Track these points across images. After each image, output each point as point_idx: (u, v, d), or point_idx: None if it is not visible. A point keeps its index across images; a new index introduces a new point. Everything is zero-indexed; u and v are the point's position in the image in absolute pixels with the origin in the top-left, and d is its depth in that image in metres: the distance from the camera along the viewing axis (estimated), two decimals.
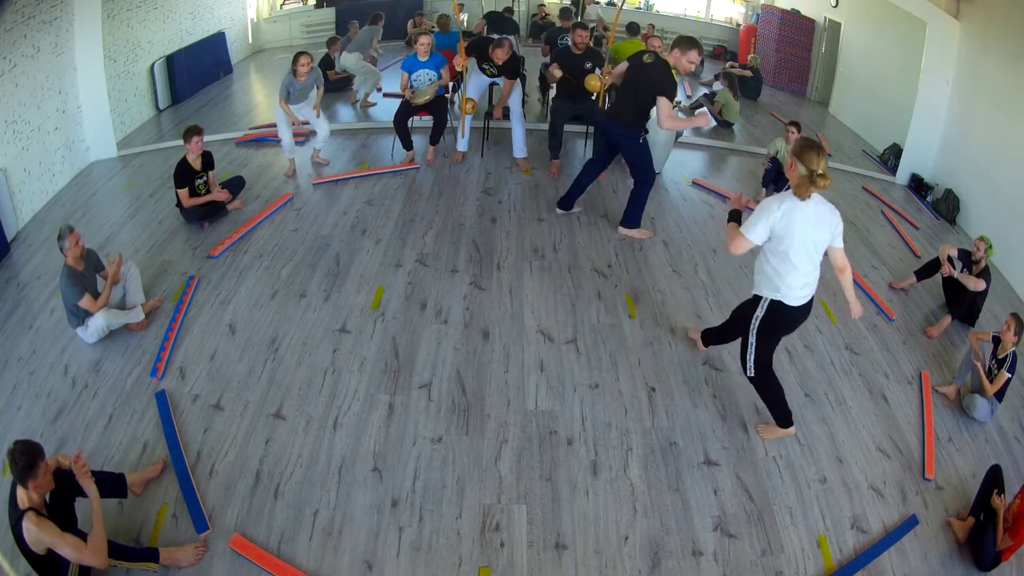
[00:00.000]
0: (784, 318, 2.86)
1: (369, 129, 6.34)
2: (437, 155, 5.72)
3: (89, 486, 2.35)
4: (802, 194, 2.61)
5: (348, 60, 6.68)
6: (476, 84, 5.43)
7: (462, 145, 5.63)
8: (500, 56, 5.11)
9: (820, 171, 2.56)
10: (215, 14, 7.23)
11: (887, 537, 2.79)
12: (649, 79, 4.08)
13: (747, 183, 5.76)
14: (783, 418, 3.12)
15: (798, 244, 2.66)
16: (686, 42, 3.96)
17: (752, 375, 3.01)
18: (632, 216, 4.69)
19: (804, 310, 2.86)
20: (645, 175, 4.48)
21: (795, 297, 2.79)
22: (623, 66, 4.42)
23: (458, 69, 5.26)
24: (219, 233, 4.50)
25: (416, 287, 4.04)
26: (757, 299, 2.88)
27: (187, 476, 2.78)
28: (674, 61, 3.98)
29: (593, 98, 5.19)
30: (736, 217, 2.92)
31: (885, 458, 3.18)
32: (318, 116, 5.28)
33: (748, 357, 2.97)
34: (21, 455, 2.14)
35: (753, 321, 2.90)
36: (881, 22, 6.76)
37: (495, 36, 5.30)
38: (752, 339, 2.93)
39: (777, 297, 2.79)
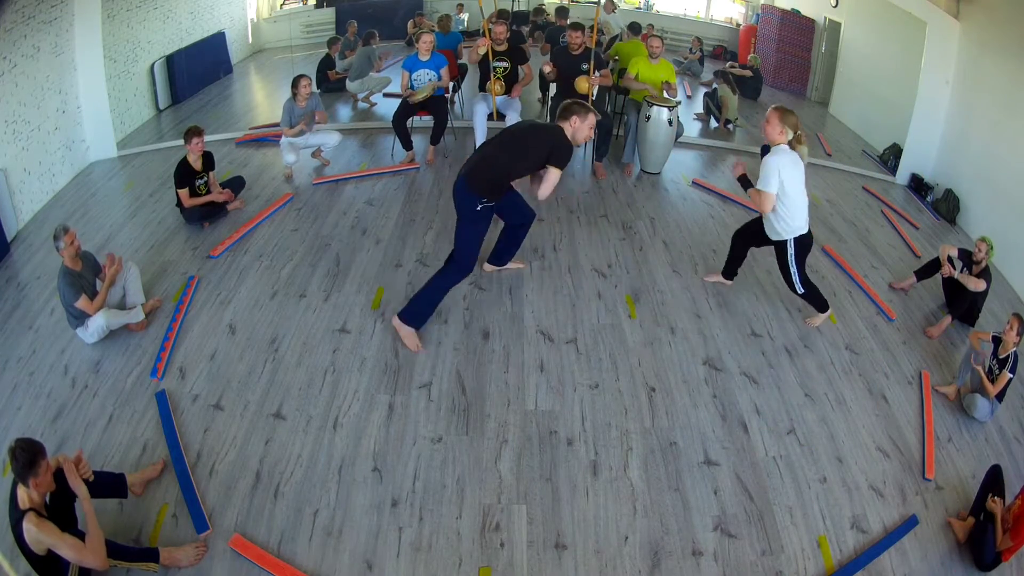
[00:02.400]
0: (808, 243, 3.67)
1: (369, 129, 6.34)
2: (437, 155, 5.72)
3: (78, 486, 2.33)
4: (793, 147, 3.43)
5: (353, 87, 6.71)
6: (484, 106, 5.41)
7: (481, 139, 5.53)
8: (500, 32, 5.11)
9: (800, 132, 3.43)
10: (215, 14, 7.22)
11: (887, 537, 2.79)
12: (541, 141, 3.31)
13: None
14: (824, 305, 3.89)
15: (798, 185, 3.47)
16: (581, 110, 3.31)
17: (802, 291, 3.76)
18: (411, 311, 3.52)
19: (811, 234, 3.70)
20: (460, 261, 3.46)
21: (806, 225, 3.59)
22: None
23: (481, 52, 5.20)
24: (219, 233, 4.50)
25: (416, 287, 4.02)
26: (783, 243, 3.63)
27: (187, 476, 2.78)
28: (571, 131, 3.32)
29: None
30: (746, 182, 3.67)
31: (885, 458, 3.18)
32: (324, 125, 5.27)
33: (795, 280, 3.72)
34: (22, 452, 2.14)
35: (790, 261, 3.66)
36: (881, 22, 6.75)
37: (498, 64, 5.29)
38: (794, 268, 3.68)
39: (798, 234, 3.59)
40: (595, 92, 5.25)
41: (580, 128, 3.33)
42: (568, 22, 6.17)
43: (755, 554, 2.67)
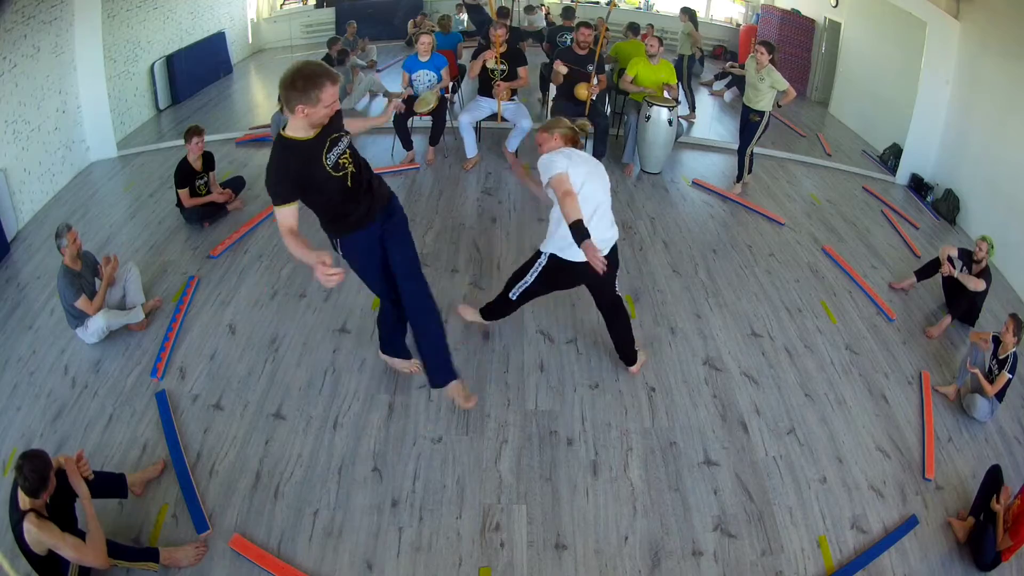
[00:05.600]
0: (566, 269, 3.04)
1: (369, 129, 6.32)
2: (437, 155, 5.72)
3: (79, 485, 2.34)
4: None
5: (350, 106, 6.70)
6: (484, 109, 5.42)
7: (471, 151, 5.57)
8: (500, 36, 5.11)
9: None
10: (215, 14, 7.23)
11: (887, 537, 2.79)
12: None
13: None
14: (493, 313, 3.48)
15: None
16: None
17: (515, 298, 3.26)
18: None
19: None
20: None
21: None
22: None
23: (490, 65, 5.22)
24: (219, 233, 4.50)
25: None
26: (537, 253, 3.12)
27: (187, 476, 2.78)
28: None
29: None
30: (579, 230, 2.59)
31: (885, 458, 3.18)
32: None
33: (515, 290, 3.24)
34: (31, 471, 2.14)
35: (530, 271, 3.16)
36: (881, 22, 6.75)
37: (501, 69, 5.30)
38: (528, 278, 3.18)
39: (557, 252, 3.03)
40: (594, 98, 5.27)
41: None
42: (575, 22, 6.18)
43: (755, 554, 2.67)
